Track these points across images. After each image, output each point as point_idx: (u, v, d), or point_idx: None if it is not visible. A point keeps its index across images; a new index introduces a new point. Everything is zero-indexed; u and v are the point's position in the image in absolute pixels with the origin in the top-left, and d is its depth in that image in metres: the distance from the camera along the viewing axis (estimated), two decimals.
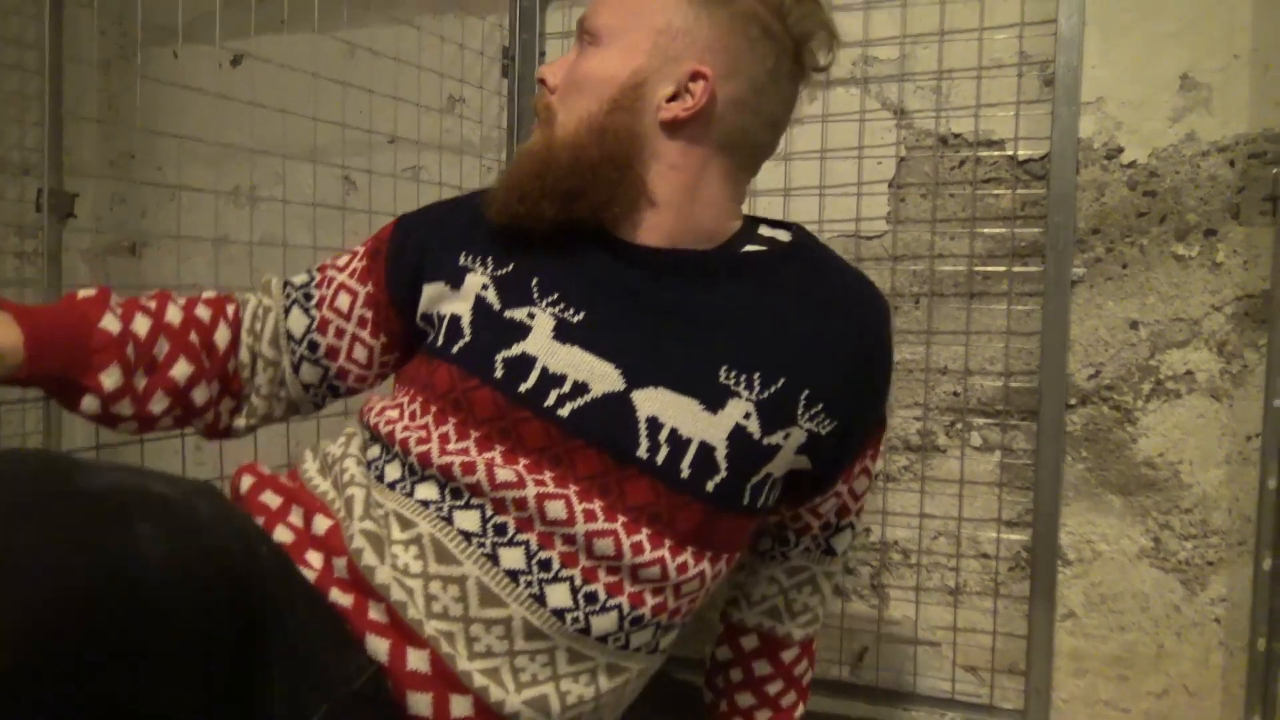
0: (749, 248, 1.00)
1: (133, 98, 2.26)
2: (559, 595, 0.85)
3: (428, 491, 0.88)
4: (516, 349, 0.91)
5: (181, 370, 0.97)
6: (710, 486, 0.89)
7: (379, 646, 0.82)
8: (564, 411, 0.88)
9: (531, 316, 0.92)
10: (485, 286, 0.95)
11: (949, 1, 1.59)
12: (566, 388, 0.89)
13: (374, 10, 1.81)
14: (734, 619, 1.12)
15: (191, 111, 1.92)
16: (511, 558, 0.85)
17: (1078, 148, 1.51)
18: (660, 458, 0.87)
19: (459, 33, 1.87)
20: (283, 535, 0.89)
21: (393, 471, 0.91)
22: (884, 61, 1.65)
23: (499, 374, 0.91)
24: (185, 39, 1.89)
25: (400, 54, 1.76)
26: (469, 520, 0.86)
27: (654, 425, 0.88)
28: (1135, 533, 1.54)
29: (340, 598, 0.85)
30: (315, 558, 0.87)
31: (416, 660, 0.82)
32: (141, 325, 0.95)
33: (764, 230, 1.03)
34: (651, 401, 0.89)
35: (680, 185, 0.95)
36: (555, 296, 0.93)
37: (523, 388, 0.90)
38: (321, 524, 0.89)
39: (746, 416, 0.90)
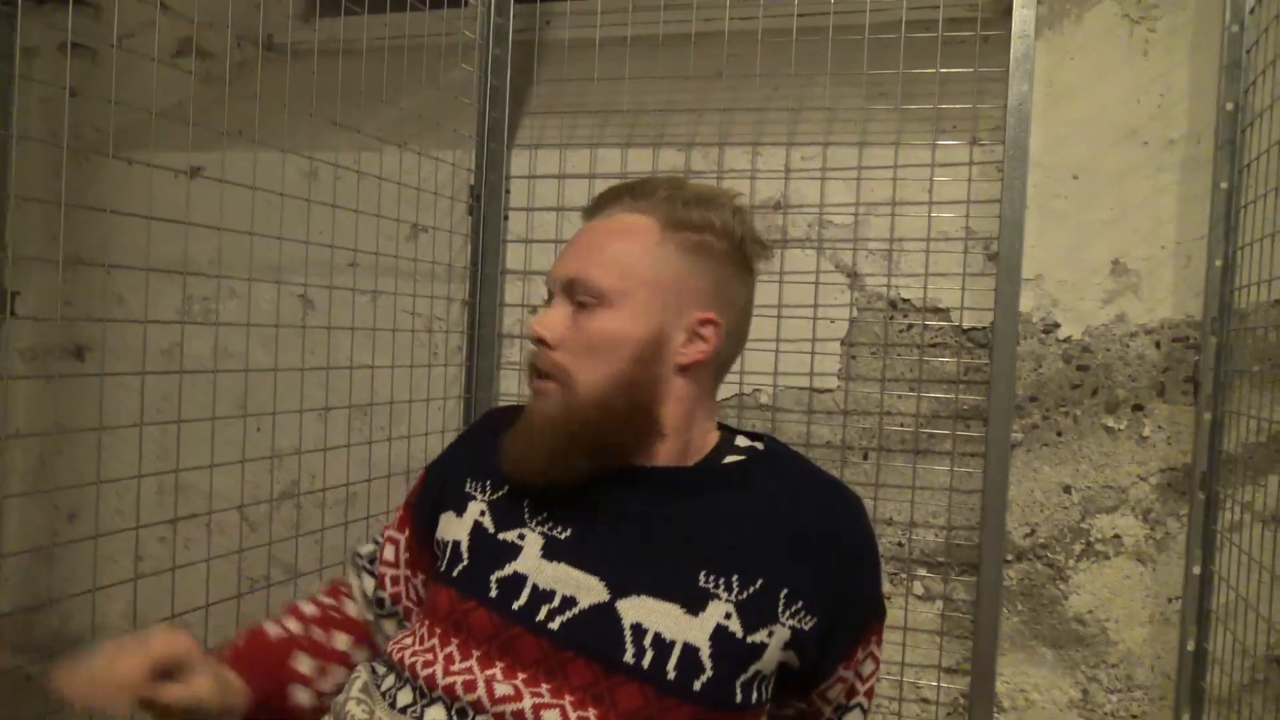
0: (728, 459, 1.07)
1: (82, 199, 2.25)
2: None
3: (436, 714, 0.94)
4: (509, 568, 0.98)
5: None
6: (697, 686, 0.93)
7: None
8: (554, 625, 0.94)
9: (522, 537, 1.00)
10: (483, 512, 1.03)
11: (901, 179, 1.69)
12: (556, 602, 0.95)
13: (342, 137, 1.84)
14: None
15: (147, 220, 1.91)
16: None
17: (1018, 321, 1.62)
18: (646, 662, 0.92)
19: (424, 168, 1.91)
20: None
21: (404, 697, 0.97)
22: (839, 226, 1.74)
23: (494, 594, 0.97)
24: (138, 147, 1.89)
25: (364, 182, 1.79)
26: None
27: (638, 631, 0.94)
28: (1065, 684, 1.64)
29: None
30: None
31: None
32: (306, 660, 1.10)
33: (740, 441, 1.10)
34: (635, 609, 0.94)
35: (683, 414, 1.04)
36: (544, 515, 1.01)
37: (515, 605, 0.96)
38: None
39: (727, 617, 0.95)
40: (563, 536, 0.99)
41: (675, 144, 1.83)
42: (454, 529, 1.04)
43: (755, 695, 0.97)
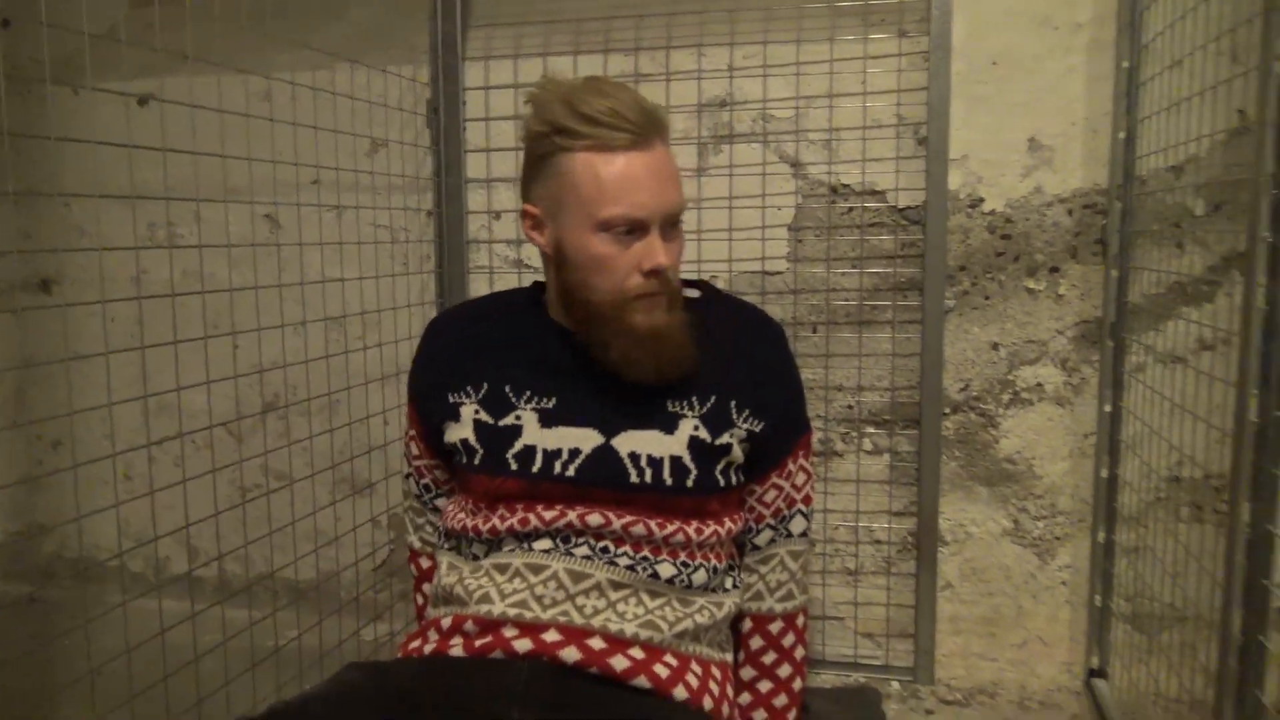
0: None
1: (33, 132, 2.26)
2: (624, 560, 1.17)
3: (509, 545, 1.21)
4: (518, 445, 1.22)
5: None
6: (690, 483, 1.20)
7: (523, 646, 1.11)
8: (570, 472, 1.20)
9: (519, 418, 1.23)
10: (477, 411, 1.26)
11: (836, 72, 1.83)
12: (565, 455, 1.20)
13: (292, 56, 1.88)
14: None
15: (100, 149, 1.92)
16: (581, 550, 1.17)
17: (947, 198, 1.79)
18: (648, 478, 1.19)
19: (378, 83, 1.98)
20: (426, 647, 1.18)
21: (479, 550, 1.23)
22: (781, 120, 1.87)
23: (514, 467, 1.21)
24: (77, 80, 1.92)
25: (320, 100, 1.85)
26: (544, 544, 1.19)
27: (634, 457, 1.20)
28: (999, 516, 1.87)
29: (484, 643, 1.13)
30: (455, 641, 1.16)
31: (551, 635, 1.12)
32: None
33: (685, 292, 1.30)
34: (626, 442, 1.21)
35: None
36: (528, 394, 1.24)
37: (535, 468, 1.21)
38: (445, 622, 1.18)
39: (696, 429, 1.22)
40: (551, 406, 1.22)
41: (623, 49, 1.93)
42: (457, 431, 1.25)
43: (735, 478, 1.26)
